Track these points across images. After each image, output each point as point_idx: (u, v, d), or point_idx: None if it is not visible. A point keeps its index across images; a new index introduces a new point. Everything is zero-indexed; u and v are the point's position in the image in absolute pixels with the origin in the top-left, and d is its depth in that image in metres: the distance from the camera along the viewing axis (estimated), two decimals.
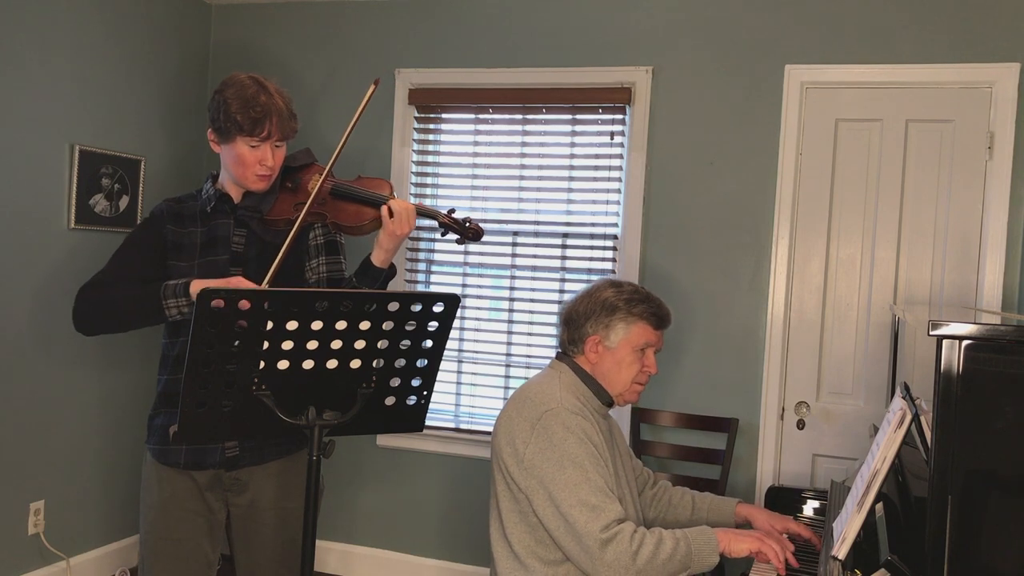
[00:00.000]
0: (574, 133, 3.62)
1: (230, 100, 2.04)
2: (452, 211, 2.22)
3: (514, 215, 3.70)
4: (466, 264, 3.77)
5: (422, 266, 3.85)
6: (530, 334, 3.69)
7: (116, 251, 2.19)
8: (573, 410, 1.90)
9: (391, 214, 2.07)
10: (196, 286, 1.97)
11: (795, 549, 1.95)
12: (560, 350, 2.10)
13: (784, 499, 2.59)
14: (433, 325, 1.77)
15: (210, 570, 2.20)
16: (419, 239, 3.83)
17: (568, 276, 3.62)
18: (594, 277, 3.56)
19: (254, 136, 2.04)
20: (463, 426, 3.78)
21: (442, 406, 3.80)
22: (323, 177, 2.13)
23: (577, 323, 2.03)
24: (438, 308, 1.75)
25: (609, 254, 3.56)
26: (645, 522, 2.23)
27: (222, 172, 2.18)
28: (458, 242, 2.21)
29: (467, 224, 2.19)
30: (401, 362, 1.78)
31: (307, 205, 2.08)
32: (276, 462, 2.17)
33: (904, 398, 1.83)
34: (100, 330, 2.16)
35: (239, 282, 1.95)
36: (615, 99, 3.52)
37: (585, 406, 1.97)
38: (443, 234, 2.22)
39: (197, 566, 2.16)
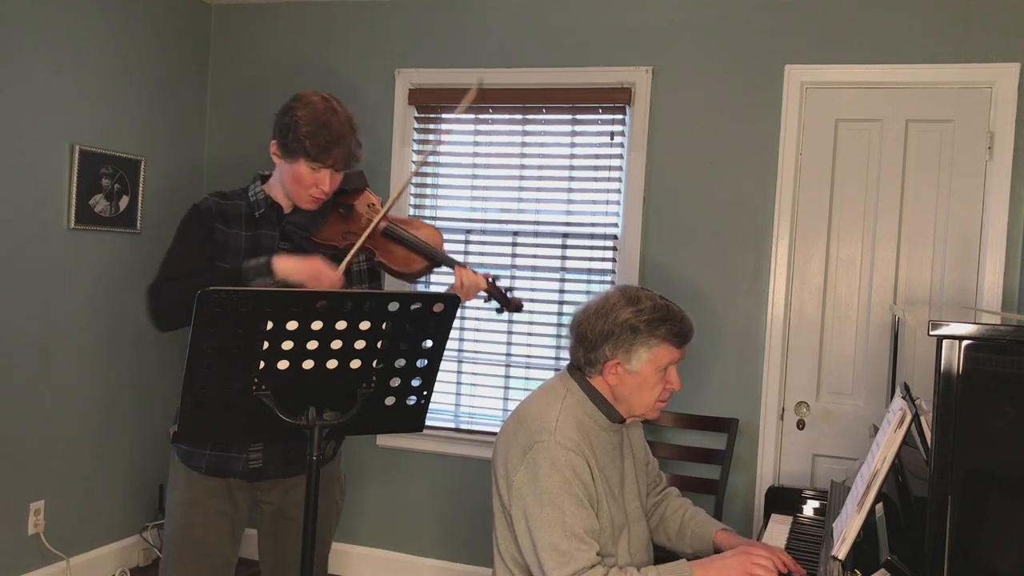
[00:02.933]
0: (574, 133, 3.62)
1: (301, 121, 2.04)
2: (496, 279, 2.32)
3: (514, 215, 3.70)
4: (466, 264, 3.76)
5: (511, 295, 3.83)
6: (530, 334, 3.69)
7: (172, 246, 2.13)
8: (566, 445, 1.80)
9: (462, 286, 2.19)
10: (279, 263, 2.00)
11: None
12: (573, 364, 1.98)
13: (784, 499, 2.59)
14: (433, 325, 1.77)
15: (229, 569, 2.22)
16: None
17: (568, 276, 3.62)
18: (594, 277, 3.57)
19: (319, 162, 2.06)
20: (463, 426, 3.78)
21: (442, 406, 3.80)
22: (379, 219, 2.16)
23: (594, 344, 1.89)
24: (438, 308, 1.75)
25: (609, 254, 3.56)
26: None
27: (275, 181, 2.17)
28: (498, 311, 2.30)
29: (508, 295, 2.30)
30: (401, 362, 1.78)
31: (360, 241, 2.11)
32: (300, 476, 2.16)
33: (904, 398, 1.83)
34: (179, 323, 2.05)
35: (319, 266, 1.99)
36: (615, 99, 3.52)
37: (586, 432, 1.88)
38: (486, 300, 2.31)
39: (218, 564, 2.17)
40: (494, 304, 2.30)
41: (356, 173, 2.29)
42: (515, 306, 2.31)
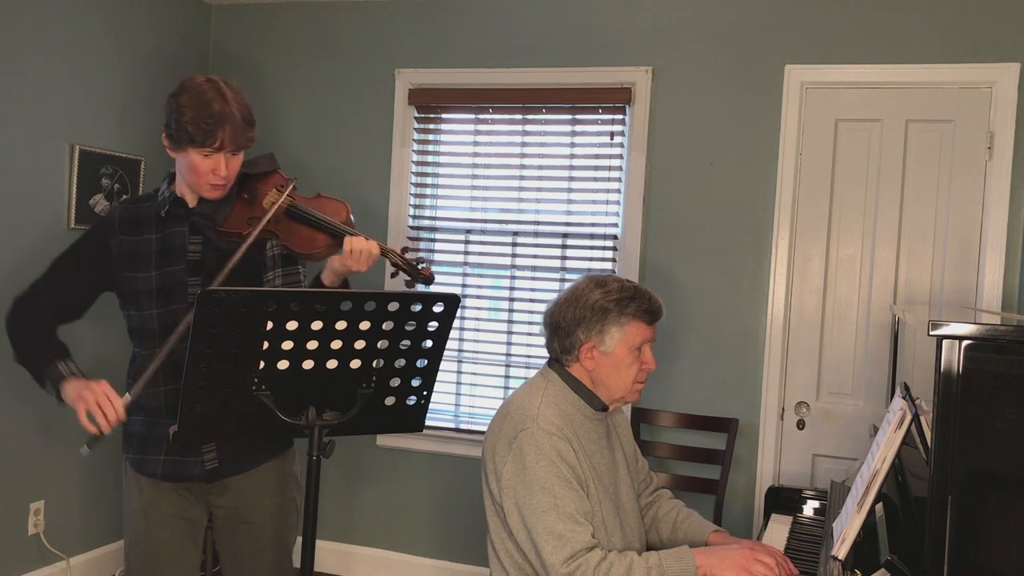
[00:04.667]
0: (574, 133, 3.62)
1: (184, 107, 1.98)
2: (405, 250, 2.18)
3: (514, 215, 3.70)
4: (466, 264, 3.77)
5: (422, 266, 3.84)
6: (530, 334, 3.69)
7: (60, 257, 2.13)
8: (549, 430, 1.83)
9: (351, 251, 2.01)
10: (66, 386, 2.03)
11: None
12: (551, 356, 2.02)
13: (784, 499, 2.59)
14: (433, 325, 1.77)
15: (194, 572, 2.19)
16: (419, 239, 3.82)
17: (568, 276, 3.62)
18: None
19: (206, 146, 1.97)
20: (463, 426, 3.78)
21: (442, 406, 3.80)
22: (280, 199, 2.05)
23: (567, 330, 1.93)
24: (438, 308, 1.75)
25: (609, 254, 3.56)
26: None
27: (177, 174, 2.11)
28: (408, 284, 2.14)
29: (419, 266, 2.15)
30: (401, 362, 1.78)
31: (260, 225, 2.01)
32: (258, 468, 2.15)
33: (904, 398, 1.83)
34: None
35: (103, 390, 1.95)
36: (615, 99, 3.52)
37: (570, 420, 1.90)
38: (393, 275, 2.17)
39: (182, 568, 2.15)
40: (404, 278, 2.15)
41: (266, 156, 2.19)
42: (425, 277, 2.16)
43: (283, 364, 1.65)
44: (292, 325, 1.62)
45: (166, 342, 1.94)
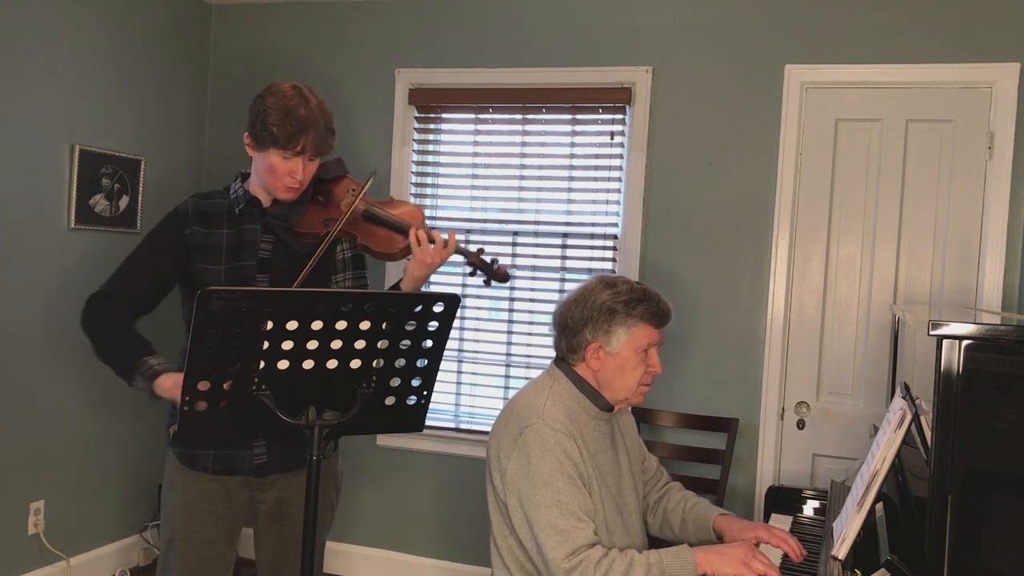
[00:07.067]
0: (574, 133, 3.62)
1: (270, 110, 2.03)
2: (481, 250, 2.24)
3: (514, 215, 3.70)
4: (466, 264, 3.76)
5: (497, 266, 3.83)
6: (530, 334, 3.69)
7: (133, 251, 2.16)
8: (555, 427, 1.84)
9: (420, 242, 2.09)
10: (163, 380, 1.96)
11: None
12: (558, 355, 2.03)
13: (784, 499, 2.59)
14: (433, 325, 1.77)
15: (227, 571, 2.22)
16: None
17: (568, 276, 3.62)
18: None
19: (288, 149, 2.04)
20: (463, 426, 3.78)
21: (442, 406, 3.80)
22: (357, 199, 2.13)
23: (574, 330, 1.94)
24: (438, 308, 1.75)
25: (609, 254, 3.56)
26: (648, 527, 2.20)
27: (253, 175, 2.17)
28: (485, 283, 2.22)
29: (494, 266, 2.22)
30: (401, 362, 1.79)
31: (338, 225, 2.09)
32: (301, 471, 2.17)
33: (904, 398, 1.83)
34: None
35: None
36: (615, 99, 3.52)
37: (575, 419, 1.91)
38: (471, 273, 2.23)
39: (216, 567, 2.17)
40: (481, 277, 2.23)
41: (335, 161, 2.26)
42: (501, 276, 2.23)
43: (283, 364, 1.65)
44: (292, 325, 1.62)
45: None
